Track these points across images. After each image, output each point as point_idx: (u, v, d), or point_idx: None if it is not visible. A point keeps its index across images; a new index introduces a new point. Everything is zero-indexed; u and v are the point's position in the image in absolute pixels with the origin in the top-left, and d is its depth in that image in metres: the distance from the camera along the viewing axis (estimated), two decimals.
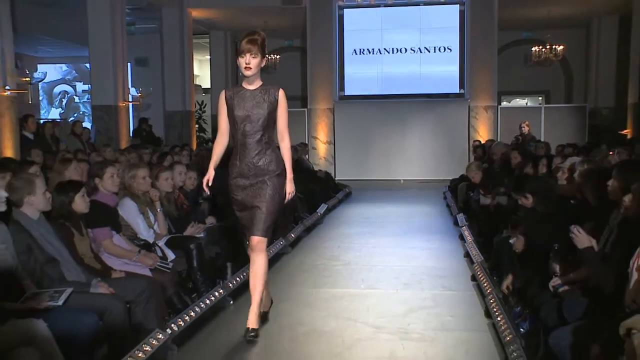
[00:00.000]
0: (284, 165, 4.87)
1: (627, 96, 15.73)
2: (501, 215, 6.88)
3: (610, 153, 8.36)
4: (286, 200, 4.89)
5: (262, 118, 4.69)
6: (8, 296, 3.83)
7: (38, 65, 19.72)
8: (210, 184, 4.75)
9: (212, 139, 17.04)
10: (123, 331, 4.13)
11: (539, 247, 4.92)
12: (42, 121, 14.45)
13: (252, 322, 4.68)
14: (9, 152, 9.76)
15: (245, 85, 4.77)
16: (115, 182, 5.49)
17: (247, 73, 4.66)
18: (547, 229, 5.04)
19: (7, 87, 10.07)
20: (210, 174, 4.75)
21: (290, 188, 4.86)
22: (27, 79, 11.82)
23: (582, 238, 3.89)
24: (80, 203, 4.75)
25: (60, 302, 3.85)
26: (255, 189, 4.70)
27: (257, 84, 4.77)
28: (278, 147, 4.95)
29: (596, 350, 3.21)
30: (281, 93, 4.78)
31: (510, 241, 3.84)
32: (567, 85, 19.92)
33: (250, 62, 4.62)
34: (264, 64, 4.74)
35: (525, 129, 13.93)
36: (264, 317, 5.02)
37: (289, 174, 4.87)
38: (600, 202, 4.65)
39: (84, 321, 3.84)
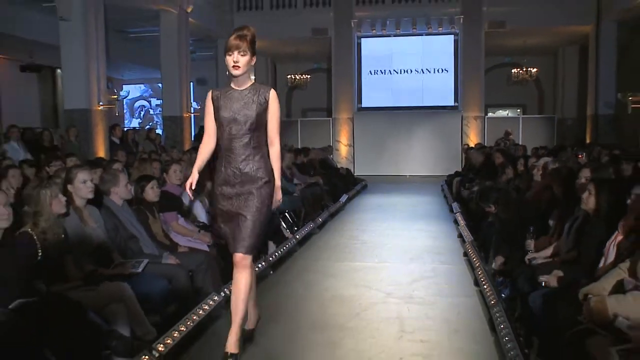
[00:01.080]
0: (274, 172, 3.58)
1: (586, 109, 15.84)
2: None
3: (580, 156, 8.25)
4: (273, 208, 3.63)
5: (249, 120, 3.46)
6: (102, 264, 3.93)
7: (123, 86, 19.97)
8: (193, 187, 3.45)
9: None
10: (187, 294, 4.19)
11: (515, 232, 4.90)
12: (125, 129, 14.63)
13: (232, 346, 3.39)
14: (101, 153, 9.91)
15: (233, 85, 3.53)
16: (178, 176, 5.54)
17: (235, 72, 3.43)
18: (524, 215, 5.02)
19: (100, 103, 10.22)
20: (194, 177, 3.45)
21: (278, 196, 3.59)
22: (115, 96, 11.93)
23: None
24: (149, 192, 4.79)
25: (139, 270, 3.93)
26: (241, 200, 3.44)
27: (247, 84, 3.53)
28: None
29: (562, 310, 3.23)
30: (272, 93, 3.55)
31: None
32: (540, 100, 19.72)
33: (238, 61, 3.39)
34: (253, 62, 3.47)
35: (510, 135, 13.86)
36: (249, 336, 3.81)
37: (277, 182, 3.58)
38: (565, 194, 4.62)
39: (157, 285, 3.90)
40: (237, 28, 3.43)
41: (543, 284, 3.72)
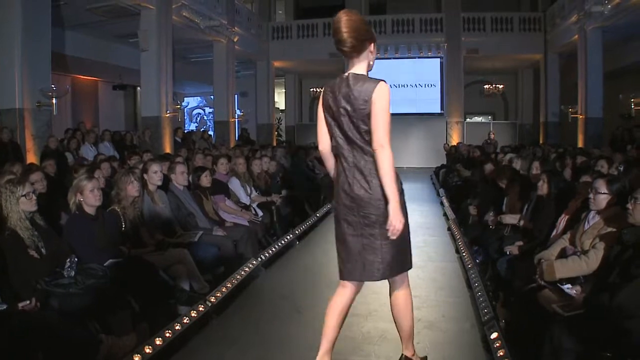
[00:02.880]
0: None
1: (539, 117, 16.15)
2: (465, 191, 6.76)
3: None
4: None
5: None
6: (168, 235, 3.95)
7: (185, 98, 20.01)
8: None
9: (286, 141, 17.10)
10: (232, 258, 4.21)
11: (487, 211, 4.84)
12: (185, 131, 14.71)
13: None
14: (168, 149, 9.98)
15: None
16: (225, 167, 5.55)
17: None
18: (491, 198, 4.98)
19: (167, 112, 10.32)
20: None
21: None
22: (178, 106, 12.01)
23: (507, 218, 3.83)
24: (204, 180, 4.81)
25: (196, 239, 3.95)
26: None
27: None
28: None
29: (521, 271, 3.27)
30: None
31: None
32: (505, 109, 19.54)
33: None
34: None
35: (492, 137, 13.69)
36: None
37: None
38: (508, 186, 4.66)
39: (209, 251, 3.93)
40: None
41: (508, 252, 3.71)
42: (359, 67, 2.28)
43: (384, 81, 2.20)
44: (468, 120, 18.66)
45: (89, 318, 2.72)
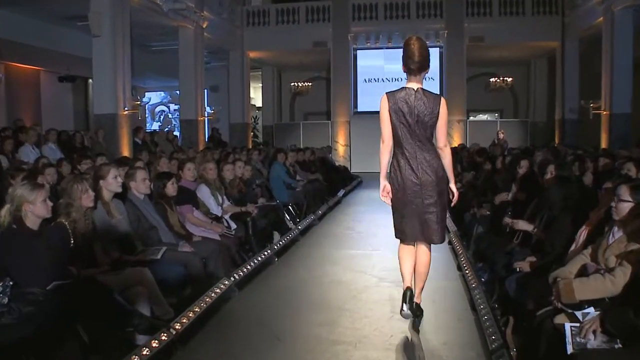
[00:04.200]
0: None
1: (555, 114, 16.01)
2: (470, 199, 6.82)
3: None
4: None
5: None
6: (126, 251, 3.91)
7: (145, 93, 19.82)
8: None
9: (263, 142, 17.10)
10: (200, 278, 4.17)
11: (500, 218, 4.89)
12: (147, 131, 14.57)
13: (419, 297, 3.76)
14: (125, 153, 9.88)
15: None
16: (192, 173, 5.52)
17: None
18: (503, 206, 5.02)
19: (125, 108, 10.22)
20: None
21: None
22: (138, 102, 11.88)
23: (521, 224, 3.82)
24: (170, 188, 4.77)
25: (158, 257, 3.91)
26: None
27: None
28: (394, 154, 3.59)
29: (534, 292, 3.23)
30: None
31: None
32: (515, 105, 19.68)
33: None
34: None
35: (501, 136, 13.73)
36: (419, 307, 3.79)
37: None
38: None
39: (174, 270, 3.89)
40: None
41: (518, 269, 3.71)
42: (421, 83, 3.55)
43: (443, 97, 3.58)
44: (472, 118, 18.91)
45: (27, 353, 2.64)
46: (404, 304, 3.54)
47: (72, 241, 3.46)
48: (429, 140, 3.52)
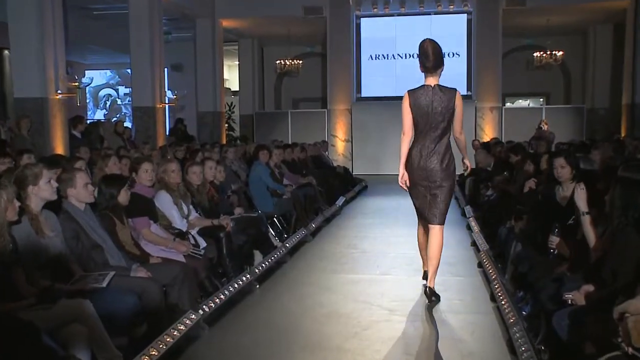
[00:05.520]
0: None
1: (621, 97, 15.60)
2: (505, 207, 6.83)
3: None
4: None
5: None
6: (59, 279, 3.87)
7: (86, 71, 19.81)
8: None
9: (240, 137, 17.11)
10: (159, 311, 4.14)
11: (540, 229, 4.88)
12: (88, 121, 14.56)
13: (432, 282, 5.15)
14: (60, 149, 9.84)
15: None
16: (149, 176, 5.51)
17: None
18: (547, 212, 5.01)
19: (58, 92, 10.14)
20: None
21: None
22: (76, 83, 11.86)
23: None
24: (124, 196, 4.76)
25: (104, 284, 3.88)
26: None
27: None
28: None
29: (592, 331, 3.19)
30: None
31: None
32: (566, 87, 19.73)
33: None
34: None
35: (545, 127, 13.72)
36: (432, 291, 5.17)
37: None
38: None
39: (124, 302, 3.85)
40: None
41: (570, 302, 3.68)
42: (437, 80, 5.18)
43: (458, 90, 5.27)
44: (508, 105, 19.04)
45: None
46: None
47: None
48: (443, 132, 5.12)
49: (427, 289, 5.10)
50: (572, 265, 4.22)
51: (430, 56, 5.05)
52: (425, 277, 5.32)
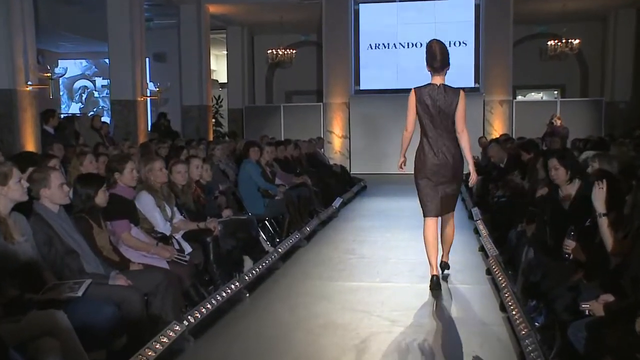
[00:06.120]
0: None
1: None
2: (516, 209, 6.84)
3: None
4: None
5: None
6: (30, 288, 3.85)
7: (59, 61, 19.79)
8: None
9: (228, 133, 17.11)
10: (141, 322, 4.13)
11: (556, 234, 4.88)
12: (62, 116, 14.52)
13: (446, 256, 6.26)
14: (30, 146, 9.80)
15: None
16: (134, 177, 5.49)
17: None
18: (563, 216, 5.00)
19: (29, 83, 10.10)
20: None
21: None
22: (48, 74, 11.83)
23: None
24: (102, 197, 4.75)
25: (79, 294, 3.86)
26: None
27: None
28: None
29: (612, 345, 3.19)
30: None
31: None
32: (583, 79, 19.72)
33: None
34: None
35: (558, 122, 13.71)
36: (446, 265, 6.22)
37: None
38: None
39: (102, 312, 3.84)
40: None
41: (587, 312, 3.67)
42: (443, 79, 5.82)
43: (463, 90, 5.89)
44: (520, 98, 19.05)
45: None
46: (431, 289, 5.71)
47: None
48: (448, 129, 5.77)
49: (442, 262, 6.10)
50: (589, 272, 4.23)
51: (438, 56, 5.75)
52: (432, 284, 5.71)
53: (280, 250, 6.95)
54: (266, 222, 7.75)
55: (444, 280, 6.07)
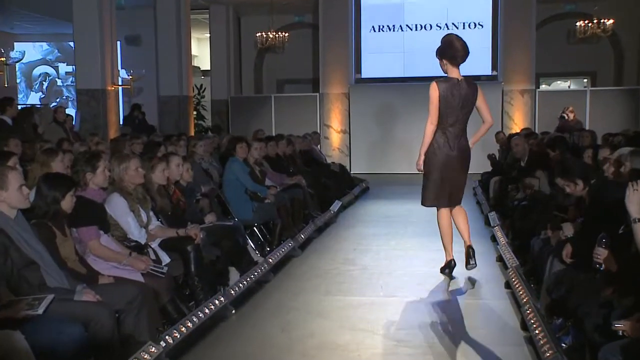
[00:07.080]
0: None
1: None
2: (540, 215, 6.85)
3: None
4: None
5: None
6: None
7: (15, 44, 19.73)
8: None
9: (212, 127, 17.08)
10: (111, 344, 4.12)
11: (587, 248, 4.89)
12: (20, 107, 14.49)
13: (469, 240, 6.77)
14: None
15: None
16: (107, 177, 5.49)
17: None
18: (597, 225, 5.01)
19: None
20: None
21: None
22: (2, 59, 11.83)
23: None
24: (69, 202, 4.73)
25: (39, 311, 3.85)
26: None
27: None
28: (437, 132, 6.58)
29: None
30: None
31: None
32: (617, 65, 19.69)
33: None
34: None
35: (570, 116, 13.73)
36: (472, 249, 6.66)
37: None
38: None
39: (66, 332, 3.84)
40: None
41: (621, 333, 3.68)
42: (459, 74, 6.55)
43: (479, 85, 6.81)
44: (544, 87, 19.08)
45: None
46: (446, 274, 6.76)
47: None
48: (464, 123, 6.60)
49: (468, 247, 6.66)
50: (622, 285, 4.23)
51: (461, 51, 6.41)
52: (444, 268, 6.83)
53: (270, 260, 6.94)
54: (255, 228, 7.76)
55: (460, 294, 6.06)
